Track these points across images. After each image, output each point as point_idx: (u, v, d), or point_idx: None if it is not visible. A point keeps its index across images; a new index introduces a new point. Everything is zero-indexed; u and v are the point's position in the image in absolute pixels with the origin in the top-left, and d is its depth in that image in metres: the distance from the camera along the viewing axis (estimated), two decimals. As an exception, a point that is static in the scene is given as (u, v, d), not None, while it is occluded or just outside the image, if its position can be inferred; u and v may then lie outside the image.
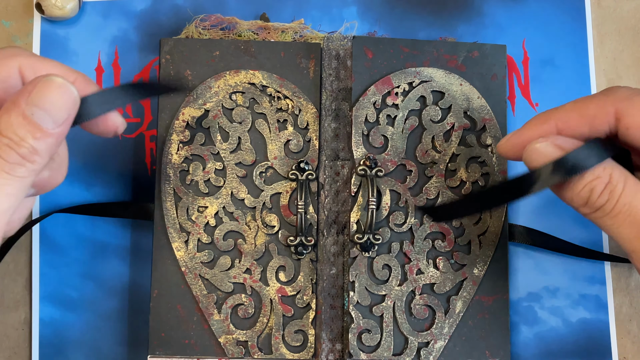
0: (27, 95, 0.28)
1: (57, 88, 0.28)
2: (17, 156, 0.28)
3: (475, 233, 0.42)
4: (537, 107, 0.46)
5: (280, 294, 0.41)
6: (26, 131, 0.28)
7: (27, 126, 0.28)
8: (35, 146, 0.28)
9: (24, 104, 0.28)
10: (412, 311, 0.41)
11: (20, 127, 0.28)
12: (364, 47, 0.43)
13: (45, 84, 0.28)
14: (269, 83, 0.42)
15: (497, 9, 0.47)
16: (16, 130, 0.28)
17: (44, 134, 0.28)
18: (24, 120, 0.28)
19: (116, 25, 0.46)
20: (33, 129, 0.28)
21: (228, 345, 0.41)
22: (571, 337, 0.44)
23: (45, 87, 0.28)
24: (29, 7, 0.46)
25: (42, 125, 0.28)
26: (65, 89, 0.29)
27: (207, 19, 0.44)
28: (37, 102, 0.28)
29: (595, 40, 0.47)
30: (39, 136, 0.28)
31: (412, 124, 0.42)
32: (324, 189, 0.42)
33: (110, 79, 0.45)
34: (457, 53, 0.43)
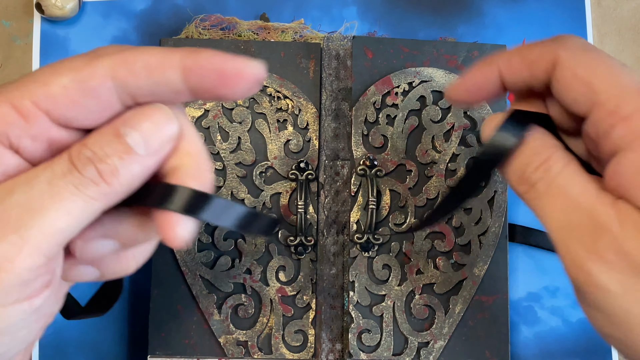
0: (127, 117, 0.25)
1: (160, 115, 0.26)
2: (95, 172, 0.24)
3: (475, 233, 0.42)
4: (537, 107, 0.46)
5: (280, 294, 0.41)
6: (114, 149, 0.25)
7: (117, 144, 0.25)
8: (118, 167, 0.25)
9: (120, 123, 0.25)
10: (412, 311, 0.41)
11: (109, 143, 0.25)
12: (364, 47, 0.43)
13: (149, 109, 0.25)
14: (269, 83, 0.42)
15: (497, 9, 0.47)
16: (103, 145, 0.25)
17: (131, 156, 0.25)
18: (115, 138, 0.25)
19: (116, 25, 0.46)
20: (122, 148, 0.25)
21: (228, 345, 0.41)
22: (571, 337, 0.44)
23: (148, 111, 0.25)
24: (29, 7, 0.46)
25: (133, 147, 0.25)
26: (170, 119, 0.26)
27: (207, 19, 0.44)
28: (135, 123, 0.25)
29: (596, 40, 0.47)
30: (126, 157, 0.25)
31: (412, 124, 0.42)
32: (324, 189, 0.42)
33: (110, 79, 0.45)
34: (457, 53, 0.43)
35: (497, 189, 0.42)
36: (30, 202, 0.24)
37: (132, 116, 0.25)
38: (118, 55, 0.25)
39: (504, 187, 0.42)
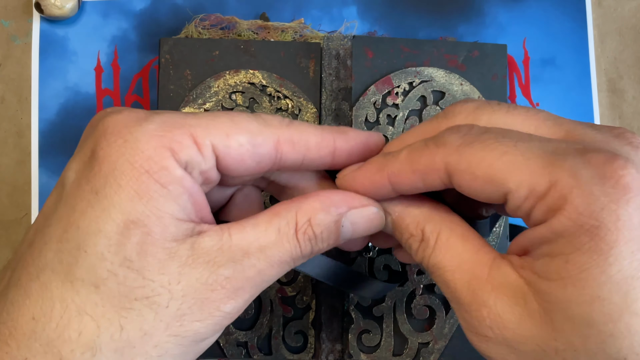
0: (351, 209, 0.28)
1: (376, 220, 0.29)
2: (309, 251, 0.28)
3: (476, 233, 0.42)
4: (537, 107, 0.46)
5: (280, 294, 0.41)
6: (328, 235, 0.28)
7: (332, 233, 0.28)
8: (322, 250, 0.29)
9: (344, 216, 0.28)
10: (413, 311, 0.41)
11: (328, 230, 0.28)
12: (364, 47, 0.42)
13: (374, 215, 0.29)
14: (269, 83, 0.42)
15: (497, 9, 0.46)
16: (324, 231, 0.28)
17: (335, 243, 0.29)
18: (335, 229, 0.28)
19: (116, 25, 0.46)
20: (333, 237, 0.28)
21: (228, 346, 0.40)
22: (572, 338, 0.44)
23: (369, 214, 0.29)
24: (28, 6, 0.46)
25: (341, 239, 0.29)
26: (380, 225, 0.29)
27: (207, 18, 0.44)
28: (355, 220, 0.28)
29: (596, 39, 0.47)
30: (332, 244, 0.29)
31: (413, 124, 0.42)
32: (324, 189, 0.42)
33: (109, 78, 0.45)
34: (457, 53, 0.43)
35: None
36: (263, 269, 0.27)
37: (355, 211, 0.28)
38: (285, 131, 0.28)
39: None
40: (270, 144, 0.28)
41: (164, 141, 0.26)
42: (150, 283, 0.25)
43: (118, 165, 0.25)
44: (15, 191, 0.45)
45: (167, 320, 0.25)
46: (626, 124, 0.46)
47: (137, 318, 0.25)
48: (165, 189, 0.25)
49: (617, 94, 0.46)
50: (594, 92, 0.46)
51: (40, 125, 0.45)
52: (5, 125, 0.45)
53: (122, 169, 0.25)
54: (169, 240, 0.25)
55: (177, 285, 0.25)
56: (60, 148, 0.45)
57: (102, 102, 0.45)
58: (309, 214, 0.28)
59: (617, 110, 0.46)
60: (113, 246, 0.25)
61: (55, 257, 0.25)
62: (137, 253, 0.25)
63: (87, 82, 0.45)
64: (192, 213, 0.27)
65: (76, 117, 0.45)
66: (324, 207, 0.28)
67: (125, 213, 0.25)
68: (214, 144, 0.27)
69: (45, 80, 0.45)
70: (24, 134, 0.45)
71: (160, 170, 0.25)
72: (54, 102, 0.45)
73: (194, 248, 0.26)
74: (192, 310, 0.26)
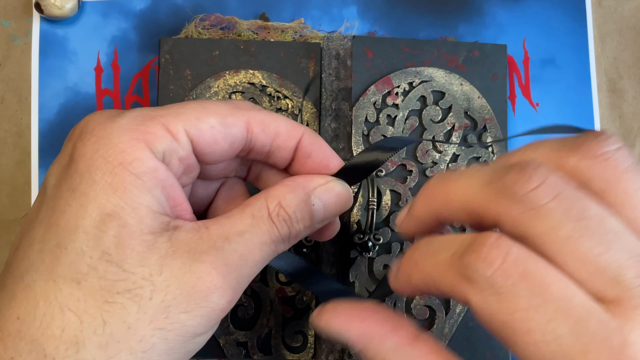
0: (316, 187, 0.29)
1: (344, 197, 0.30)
2: (287, 233, 0.29)
3: (476, 233, 0.42)
4: (537, 107, 0.46)
5: (280, 294, 0.41)
6: (302, 217, 0.29)
7: (306, 213, 0.29)
8: (300, 232, 0.29)
9: (312, 194, 0.29)
10: (412, 312, 0.41)
11: (300, 210, 0.29)
12: (364, 47, 0.42)
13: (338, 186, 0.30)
14: (269, 83, 0.42)
15: (497, 9, 0.46)
16: (296, 211, 0.29)
17: (311, 225, 0.30)
18: (306, 207, 0.29)
19: (115, 25, 0.46)
20: (308, 218, 0.29)
21: (228, 346, 0.40)
22: (572, 338, 0.44)
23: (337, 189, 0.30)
24: (28, 6, 0.46)
25: (315, 217, 0.29)
26: (349, 201, 0.31)
27: (207, 18, 0.44)
28: (323, 197, 0.30)
29: (596, 39, 0.47)
30: (308, 225, 0.29)
31: (413, 124, 0.42)
32: (324, 189, 0.42)
33: (109, 78, 0.45)
34: (457, 53, 0.43)
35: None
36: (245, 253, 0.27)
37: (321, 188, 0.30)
38: (256, 114, 0.29)
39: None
40: (242, 124, 0.28)
41: (137, 134, 0.26)
42: (131, 275, 0.25)
43: (93, 161, 0.25)
44: (15, 191, 0.45)
45: (151, 312, 0.25)
46: (626, 124, 0.46)
47: (119, 311, 0.25)
48: (139, 180, 0.25)
49: (617, 94, 0.46)
50: (594, 92, 0.46)
51: (40, 125, 0.45)
52: (5, 125, 0.45)
53: (96, 165, 0.25)
54: (146, 232, 0.25)
55: (159, 276, 0.25)
56: (60, 148, 0.44)
57: (102, 102, 0.45)
58: (278, 197, 0.28)
59: (617, 110, 0.46)
60: (91, 240, 0.25)
61: (38, 258, 0.25)
62: (115, 246, 0.25)
63: (87, 82, 0.45)
64: (167, 207, 0.27)
65: (76, 117, 0.45)
66: (290, 189, 0.29)
67: (100, 207, 0.25)
68: (187, 129, 0.27)
69: (45, 80, 0.45)
70: (24, 134, 0.45)
71: (134, 161, 0.26)
72: (54, 102, 0.45)
73: (172, 240, 0.26)
74: (178, 301, 0.25)
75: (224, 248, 0.26)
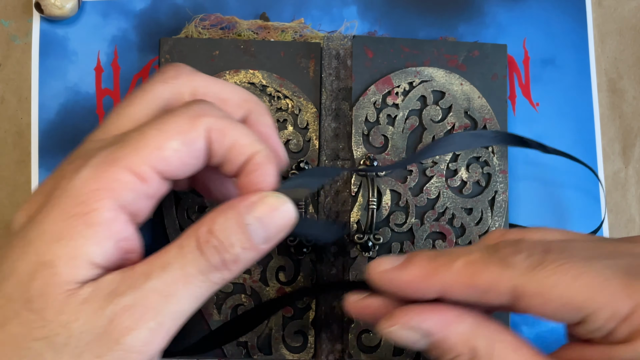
0: (250, 206, 0.27)
1: (283, 211, 0.28)
2: (220, 261, 0.27)
3: (476, 233, 0.42)
4: (537, 107, 0.46)
5: (280, 294, 0.41)
6: (237, 239, 0.27)
7: (240, 235, 0.27)
8: (240, 256, 0.27)
9: (245, 213, 0.27)
10: (413, 311, 0.41)
11: (233, 233, 0.27)
12: (364, 47, 0.42)
13: (276, 201, 0.28)
14: (269, 83, 0.42)
15: (497, 9, 0.46)
16: (228, 235, 0.27)
17: (252, 247, 0.27)
18: (239, 229, 0.27)
19: (116, 25, 0.46)
20: (244, 239, 0.27)
21: (228, 346, 0.40)
22: (572, 338, 0.44)
23: (274, 204, 0.28)
24: (28, 6, 0.46)
25: (254, 238, 0.27)
26: (290, 214, 0.28)
27: (207, 18, 0.44)
28: (259, 215, 0.27)
29: (596, 39, 0.47)
30: (247, 247, 0.27)
31: (413, 124, 0.42)
32: (324, 189, 0.42)
33: (109, 78, 0.45)
34: (457, 53, 0.43)
35: (498, 189, 0.42)
36: (166, 288, 0.26)
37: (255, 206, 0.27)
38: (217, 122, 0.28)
39: (505, 187, 0.42)
40: (202, 138, 0.28)
41: (101, 183, 0.26)
42: (49, 323, 0.25)
43: (48, 213, 0.26)
44: (15, 191, 0.45)
45: (66, 358, 0.25)
46: (626, 124, 0.46)
47: (35, 357, 0.25)
48: (91, 230, 0.26)
49: (617, 94, 0.46)
50: (594, 92, 0.46)
51: (40, 125, 0.45)
52: (5, 125, 0.45)
53: (52, 215, 0.26)
54: (73, 282, 0.26)
55: (76, 322, 0.25)
56: (60, 148, 0.45)
57: (102, 102, 0.45)
58: (208, 224, 0.27)
59: (617, 111, 0.46)
60: (21, 287, 0.25)
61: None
62: (40, 295, 0.25)
63: (87, 82, 0.45)
64: (114, 257, 0.27)
65: (76, 117, 0.45)
66: (221, 212, 0.27)
67: (39, 254, 0.26)
68: (152, 165, 0.27)
69: (45, 80, 0.45)
70: (24, 133, 0.45)
71: (91, 212, 0.26)
72: (54, 102, 0.45)
73: (95, 285, 0.26)
74: (90, 346, 0.25)
75: (142, 287, 0.26)
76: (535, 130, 0.45)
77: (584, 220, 0.45)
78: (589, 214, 0.45)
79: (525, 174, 0.45)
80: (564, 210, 0.45)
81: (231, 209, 0.27)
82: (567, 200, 0.45)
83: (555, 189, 0.45)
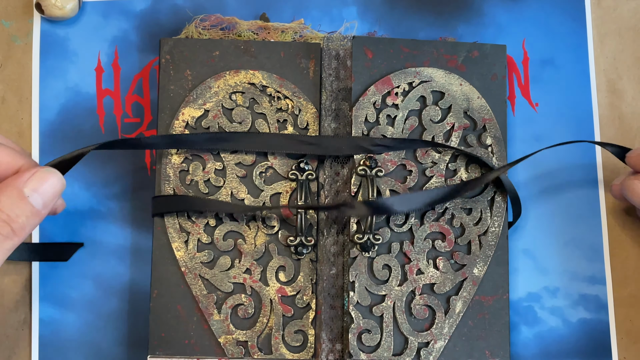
0: (26, 180, 0.34)
1: (54, 178, 0.35)
2: (10, 230, 0.33)
3: (475, 233, 0.42)
4: (537, 107, 0.46)
5: (280, 294, 0.41)
6: (21, 210, 0.33)
7: (23, 206, 0.33)
8: (25, 223, 0.34)
9: (24, 187, 0.34)
10: (412, 311, 0.41)
11: (17, 206, 0.33)
12: (363, 47, 0.43)
13: (44, 174, 0.34)
14: (269, 83, 0.42)
15: (497, 9, 0.47)
16: (13, 208, 0.33)
17: (35, 213, 0.34)
18: (21, 201, 0.33)
19: (116, 25, 0.46)
20: (28, 209, 0.34)
21: (228, 346, 0.41)
22: (571, 337, 0.44)
23: (44, 176, 0.34)
24: (28, 7, 0.46)
25: (35, 206, 0.34)
26: (59, 179, 0.35)
27: (207, 19, 0.44)
28: (35, 187, 0.34)
29: (595, 40, 0.47)
30: (31, 215, 0.34)
31: (412, 124, 0.42)
32: (324, 189, 0.42)
33: (110, 78, 0.45)
34: (457, 53, 0.43)
35: (497, 190, 0.42)
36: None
37: (30, 180, 0.34)
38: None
39: (504, 187, 0.42)
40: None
41: None
42: None
43: None
44: (15, 191, 0.45)
45: None
46: (625, 124, 0.46)
47: None
48: None
49: (616, 94, 0.46)
50: (593, 92, 0.46)
51: (40, 125, 0.45)
52: (6, 125, 0.45)
53: None
54: None
55: None
56: (60, 148, 0.45)
57: (102, 102, 0.45)
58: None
59: (616, 111, 0.46)
60: None
61: None
62: None
63: (87, 82, 0.45)
64: None
65: (77, 117, 0.45)
66: (3, 191, 0.33)
67: None
68: None
69: (45, 80, 0.45)
70: (25, 134, 0.45)
71: None
72: (54, 103, 0.45)
73: None
74: None
75: None
76: (535, 131, 0.46)
77: (583, 220, 0.45)
78: (589, 213, 0.45)
79: (524, 174, 0.45)
80: (564, 210, 0.45)
81: (11, 186, 0.33)
82: (567, 200, 0.45)
83: (554, 188, 0.45)
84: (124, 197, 0.44)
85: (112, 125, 0.45)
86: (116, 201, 0.44)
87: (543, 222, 0.45)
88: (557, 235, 0.45)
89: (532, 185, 0.45)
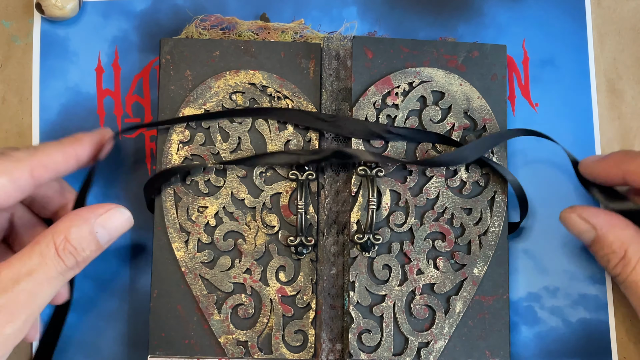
0: (98, 216, 0.35)
1: (123, 217, 0.37)
2: (75, 262, 0.35)
3: (475, 233, 0.42)
4: (537, 107, 0.46)
5: (280, 294, 0.41)
6: (87, 244, 0.35)
7: (91, 241, 0.35)
8: (89, 257, 0.35)
9: (94, 223, 0.35)
10: (412, 311, 0.41)
11: (85, 240, 0.35)
12: (364, 47, 0.43)
13: (116, 213, 0.36)
14: (269, 83, 0.42)
15: (497, 9, 0.47)
16: (81, 241, 0.35)
17: (99, 249, 0.36)
18: (90, 236, 0.35)
19: (116, 25, 0.46)
20: (94, 244, 0.35)
21: (228, 345, 0.41)
22: (571, 337, 0.44)
23: (115, 215, 0.36)
24: (29, 7, 0.46)
25: (101, 242, 0.36)
26: (128, 219, 0.37)
27: (207, 19, 0.44)
28: (105, 224, 0.36)
29: (595, 40, 0.47)
30: (95, 249, 0.35)
31: (412, 124, 0.42)
32: (324, 189, 0.42)
33: (110, 79, 0.45)
34: (457, 53, 0.43)
35: (497, 189, 0.42)
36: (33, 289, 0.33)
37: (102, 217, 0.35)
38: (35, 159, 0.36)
39: (504, 187, 0.42)
40: (27, 174, 0.35)
41: None
42: None
43: None
44: (16, 191, 0.45)
45: None
46: (625, 124, 0.46)
47: None
48: None
49: (616, 94, 0.46)
50: (593, 92, 0.46)
51: (41, 125, 0.45)
52: (6, 125, 0.45)
53: None
54: None
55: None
56: (61, 148, 0.45)
57: (102, 102, 0.45)
58: (63, 233, 0.34)
59: (616, 111, 0.46)
60: None
61: None
62: None
63: (87, 82, 0.45)
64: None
65: (77, 117, 0.45)
66: (74, 223, 0.35)
67: None
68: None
69: (46, 80, 0.45)
70: (25, 134, 0.45)
71: None
72: (54, 103, 0.45)
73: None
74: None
75: (14, 290, 0.32)
76: (535, 131, 0.46)
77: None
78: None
79: (524, 174, 0.45)
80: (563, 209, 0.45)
81: (82, 219, 0.35)
82: (567, 200, 0.45)
83: (554, 189, 0.45)
84: (124, 197, 0.44)
85: (113, 126, 0.45)
86: (116, 201, 0.44)
87: (543, 222, 0.45)
88: (557, 235, 0.45)
89: (532, 185, 0.45)
